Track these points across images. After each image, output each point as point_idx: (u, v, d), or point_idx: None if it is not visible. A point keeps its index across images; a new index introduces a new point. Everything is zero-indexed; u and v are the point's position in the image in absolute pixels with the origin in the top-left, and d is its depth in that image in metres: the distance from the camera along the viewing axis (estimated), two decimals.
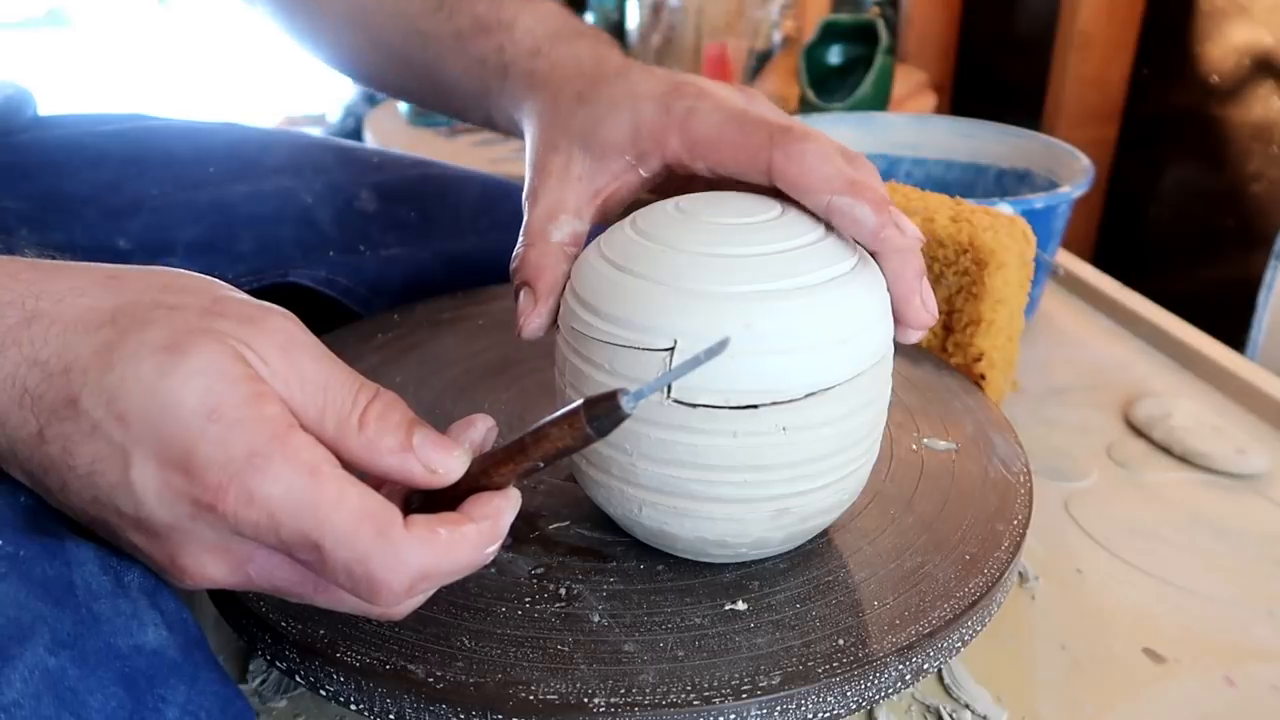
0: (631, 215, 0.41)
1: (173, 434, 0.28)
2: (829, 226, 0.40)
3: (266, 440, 0.29)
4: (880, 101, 1.24)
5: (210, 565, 0.31)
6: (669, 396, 0.36)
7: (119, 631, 0.31)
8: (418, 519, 0.30)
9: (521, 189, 0.44)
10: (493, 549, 0.32)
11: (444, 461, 0.31)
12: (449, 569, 0.31)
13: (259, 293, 0.39)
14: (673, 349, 0.36)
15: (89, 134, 0.64)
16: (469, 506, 0.31)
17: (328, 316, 0.63)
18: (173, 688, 0.31)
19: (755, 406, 0.36)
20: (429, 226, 0.68)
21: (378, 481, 0.33)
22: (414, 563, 0.29)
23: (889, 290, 0.40)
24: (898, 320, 0.40)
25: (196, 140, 0.66)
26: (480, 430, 0.35)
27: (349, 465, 0.32)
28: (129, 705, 0.30)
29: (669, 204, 0.40)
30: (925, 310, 0.40)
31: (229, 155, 0.66)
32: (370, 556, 0.29)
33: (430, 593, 0.33)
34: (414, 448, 0.31)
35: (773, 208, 0.40)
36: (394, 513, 0.30)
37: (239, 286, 0.34)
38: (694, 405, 0.36)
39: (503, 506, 0.32)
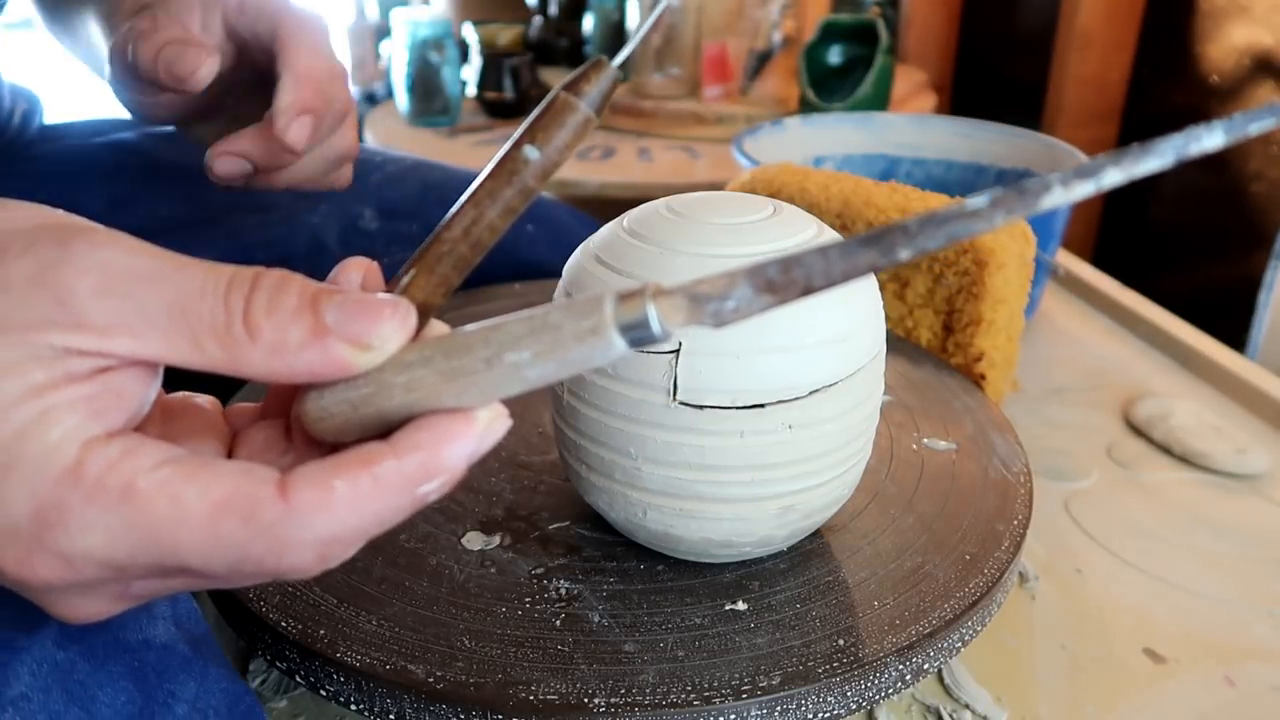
0: (622, 216, 0.41)
1: None
2: (821, 226, 0.40)
3: (55, 483, 0.23)
4: (880, 101, 1.24)
5: (85, 607, 0.26)
6: (675, 399, 0.36)
7: (128, 625, 0.31)
8: (304, 474, 0.23)
9: None
10: (431, 487, 0.24)
11: (374, 329, 0.24)
12: (363, 525, 0.24)
13: None
14: (678, 350, 0.36)
15: (106, 144, 0.63)
16: (403, 432, 0.24)
17: None
18: (182, 683, 0.31)
19: (762, 405, 0.36)
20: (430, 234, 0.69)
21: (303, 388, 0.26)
22: (308, 535, 0.23)
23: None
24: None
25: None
26: (356, 278, 0.28)
27: (264, 386, 0.26)
28: (138, 700, 0.30)
29: (661, 205, 0.40)
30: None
31: None
32: (248, 550, 0.23)
33: (365, 539, 0.25)
34: (331, 328, 0.24)
35: (765, 207, 0.40)
36: (259, 484, 0.23)
37: None
38: (701, 407, 0.36)
39: (455, 433, 0.24)
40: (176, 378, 0.26)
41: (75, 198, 0.60)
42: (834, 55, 1.30)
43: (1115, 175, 0.20)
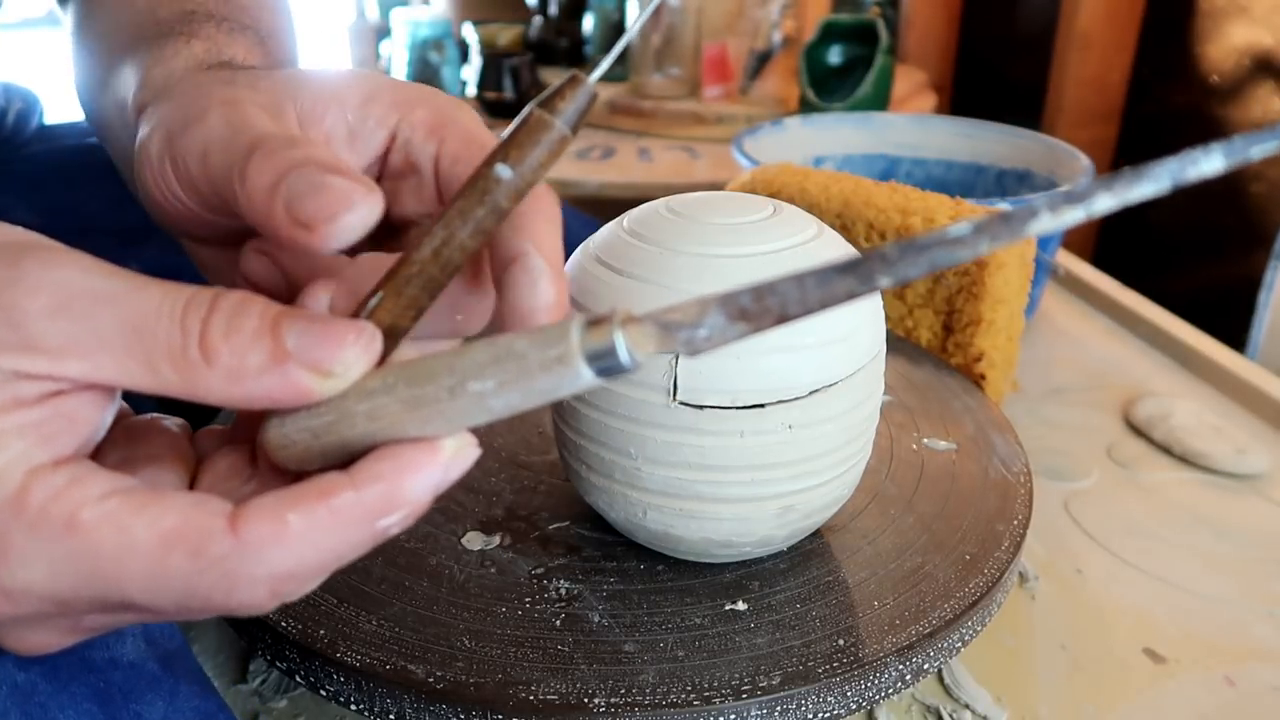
0: (622, 216, 0.41)
1: None
2: (821, 226, 0.40)
3: None
4: (880, 101, 1.24)
5: (33, 639, 0.25)
6: (675, 399, 0.36)
7: (94, 644, 0.30)
8: (258, 506, 0.22)
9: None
10: (391, 520, 0.23)
11: (336, 354, 0.23)
12: (319, 560, 0.23)
13: None
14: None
15: (100, 146, 0.63)
16: (363, 462, 0.23)
17: None
18: (150, 703, 0.30)
19: (762, 405, 0.36)
20: None
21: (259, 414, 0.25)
22: (259, 571, 0.22)
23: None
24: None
25: None
26: (324, 300, 0.26)
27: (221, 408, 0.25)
28: None
29: (660, 205, 0.40)
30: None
31: None
32: (195, 585, 0.22)
33: (323, 575, 0.24)
34: (291, 353, 0.22)
35: (765, 207, 0.40)
36: (210, 516, 0.22)
37: None
38: (701, 407, 0.36)
39: (418, 464, 0.23)
40: (161, 399, 0.25)
41: (73, 198, 0.59)
42: (834, 55, 1.30)
43: (1106, 201, 0.19)
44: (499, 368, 0.22)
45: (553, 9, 1.68)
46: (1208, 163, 0.19)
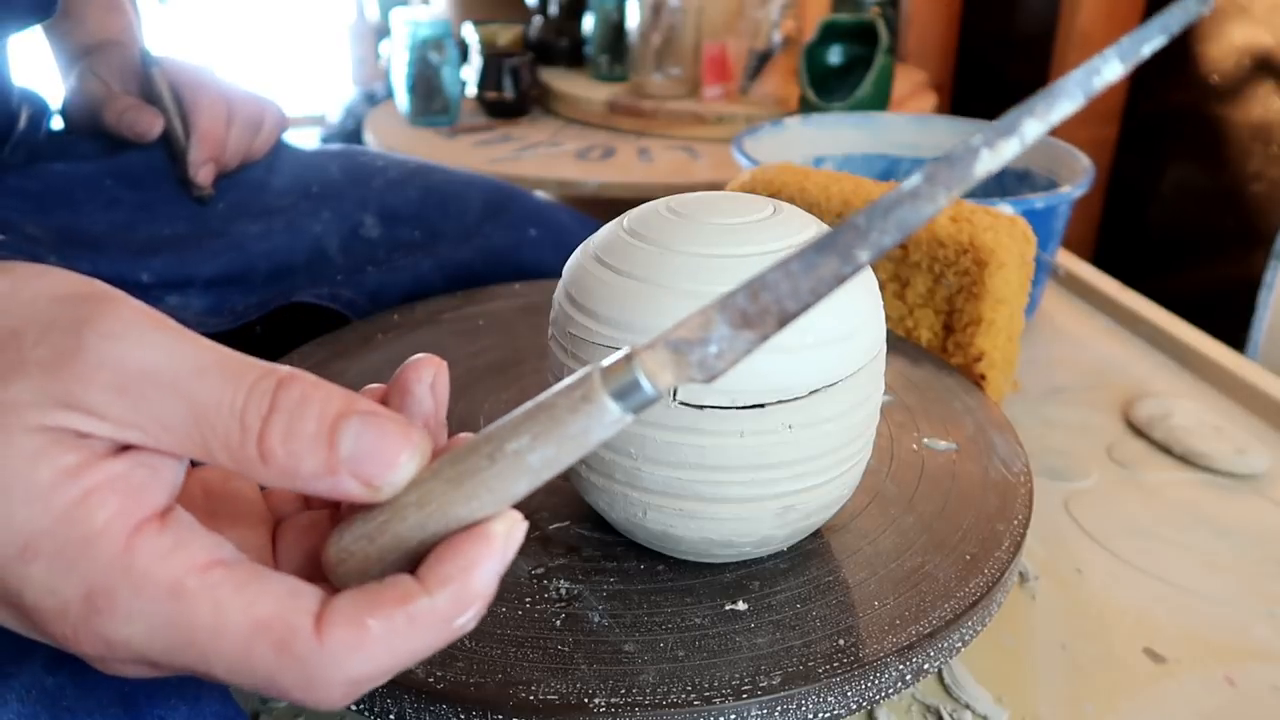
0: (622, 216, 0.41)
1: None
2: (821, 226, 0.40)
3: (104, 570, 0.22)
4: (880, 101, 1.24)
5: (124, 671, 0.25)
6: (675, 399, 0.36)
7: None
8: (339, 609, 0.23)
9: (523, 192, 0.43)
10: (467, 619, 0.24)
11: (385, 474, 0.24)
12: (395, 664, 0.24)
13: (265, 315, 0.34)
14: None
15: (104, 171, 0.64)
16: (428, 566, 0.24)
17: (329, 326, 0.64)
18: (173, 707, 0.31)
19: (762, 405, 0.36)
20: (433, 241, 0.70)
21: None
22: (338, 675, 0.23)
23: None
24: None
25: None
26: (425, 395, 0.27)
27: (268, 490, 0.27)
28: None
29: (660, 205, 0.40)
30: None
31: (233, 185, 0.67)
32: (276, 678, 0.23)
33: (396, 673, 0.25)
34: (343, 464, 0.23)
35: (765, 207, 0.40)
36: (300, 614, 0.23)
37: (248, 314, 0.26)
38: (701, 407, 0.36)
39: (478, 557, 0.24)
40: None
41: (78, 221, 0.60)
42: (834, 55, 1.30)
43: (1034, 126, 0.20)
44: (530, 421, 0.23)
45: (553, 9, 1.68)
46: (1109, 69, 0.20)
